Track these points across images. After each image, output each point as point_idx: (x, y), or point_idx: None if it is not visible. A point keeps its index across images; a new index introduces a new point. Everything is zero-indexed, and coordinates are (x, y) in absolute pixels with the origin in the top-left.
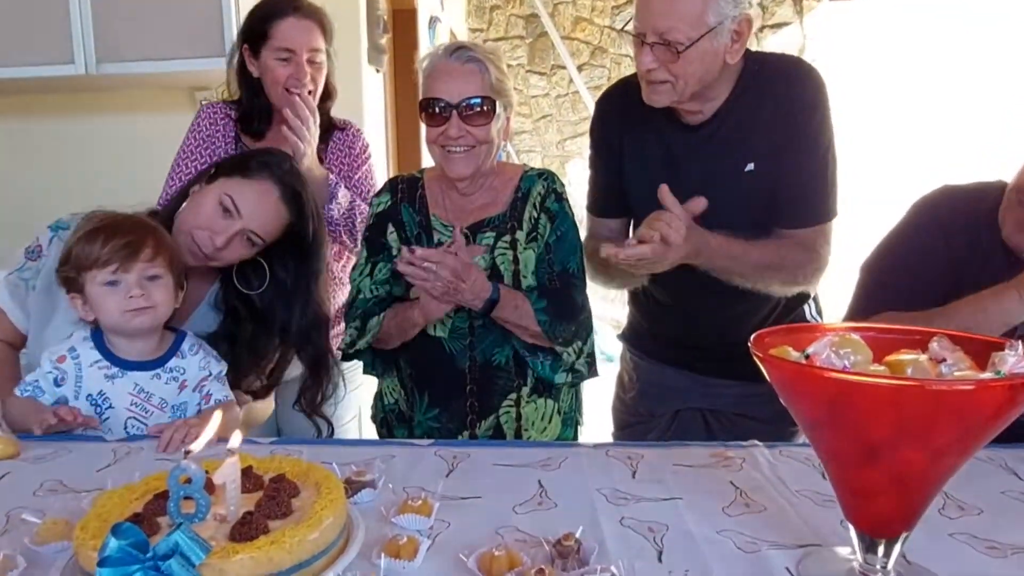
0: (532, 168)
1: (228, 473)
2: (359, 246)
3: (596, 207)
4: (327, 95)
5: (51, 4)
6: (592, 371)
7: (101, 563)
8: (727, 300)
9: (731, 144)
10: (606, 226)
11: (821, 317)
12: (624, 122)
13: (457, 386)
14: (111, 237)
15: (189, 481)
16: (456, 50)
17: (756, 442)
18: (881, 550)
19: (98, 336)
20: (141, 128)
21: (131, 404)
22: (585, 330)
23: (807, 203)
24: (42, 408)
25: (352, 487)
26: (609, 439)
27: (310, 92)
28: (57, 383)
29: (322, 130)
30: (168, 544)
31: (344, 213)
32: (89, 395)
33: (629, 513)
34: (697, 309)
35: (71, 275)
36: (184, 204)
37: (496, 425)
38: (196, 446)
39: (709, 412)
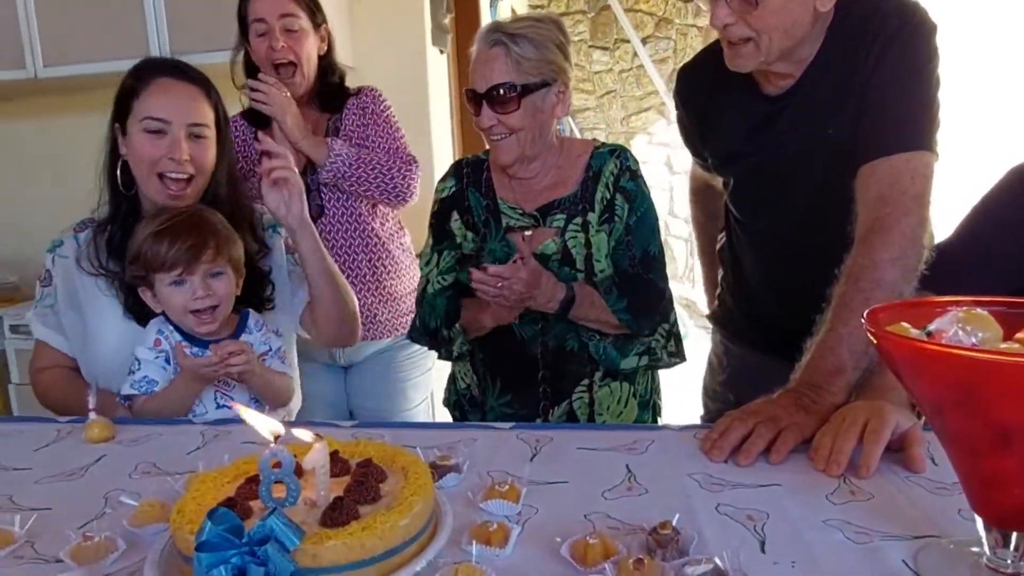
0: (603, 144)
1: (317, 458)
2: (396, 197)
3: (695, 158)
4: (330, 70)
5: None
6: (679, 354)
7: (199, 547)
8: (827, 274)
9: (810, 112)
10: (709, 176)
11: None
12: (706, 93)
13: (529, 372)
14: (176, 239)
15: (279, 466)
16: (486, 33)
17: None
18: (1014, 543)
19: (168, 321)
20: None
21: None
22: (664, 313)
23: (889, 126)
24: (197, 365)
25: (437, 471)
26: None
27: (291, 63)
28: (166, 363)
29: (336, 100)
30: (263, 529)
31: (352, 163)
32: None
33: (725, 500)
34: (795, 284)
35: (140, 273)
36: (118, 172)
37: (569, 411)
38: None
39: None
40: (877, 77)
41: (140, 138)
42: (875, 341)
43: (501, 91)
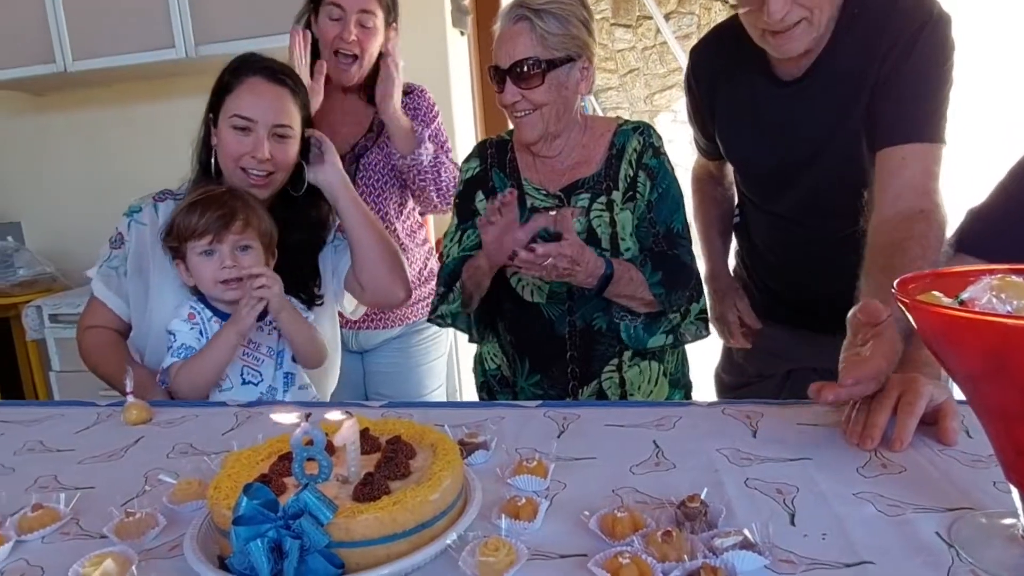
0: (626, 121)
1: (348, 435)
2: (444, 203)
3: (699, 147)
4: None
5: None
6: (705, 330)
7: (236, 521)
8: (841, 250)
9: (825, 98)
10: (713, 165)
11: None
12: (716, 76)
13: (557, 352)
14: (207, 209)
15: (311, 443)
16: (510, 9)
17: None
18: None
19: (200, 296)
20: None
21: (243, 354)
22: (697, 291)
23: (903, 115)
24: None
25: (466, 449)
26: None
27: (356, 56)
28: (200, 335)
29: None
30: (298, 504)
31: (431, 161)
32: None
33: (754, 474)
34: (808, 261)
35: (174, 244)
36: (212, 160)
37: (599, 390)
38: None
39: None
40: (907, 67)
41: (228, 133)
42: (906, 311)
43: (525, 67)
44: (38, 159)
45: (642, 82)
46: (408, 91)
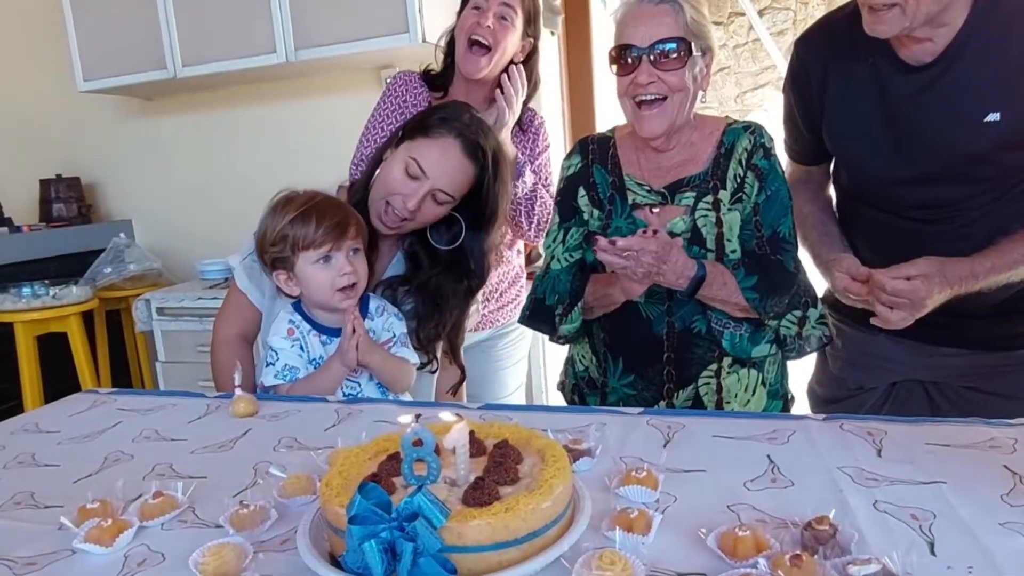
0: (736, 121)
1: (457, 438)
2: (535, 232)
3: (794, 152)
4: (533, 87)
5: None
6: (827, 336)
7: (351, 520)
8: (951, 252)
9: (967, 87)
10: (806, 171)
11: None
12: (828, 65)
13: (654, 353)
14: (323, 218)
15: (421, 444)
16: None
17: None
18: None
19: (299, 307)
20: (331, 109)
21: None
22: (803, 297)
23: None
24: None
25: (571, 455)
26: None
27: (487, 46)
28: (300, 351)
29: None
30: (411, 506)
31: (527, 194)
32: (313, 360)
33: (883, 496)
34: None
35: (285, 255)
36: (377, 171)
37: (695, 396)
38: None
39: (931, 385)
40: None
41: (397, 167)
42: None
43: (668, 48)
44: (148, 160)
45: (733, 80)
46: (524, 120)
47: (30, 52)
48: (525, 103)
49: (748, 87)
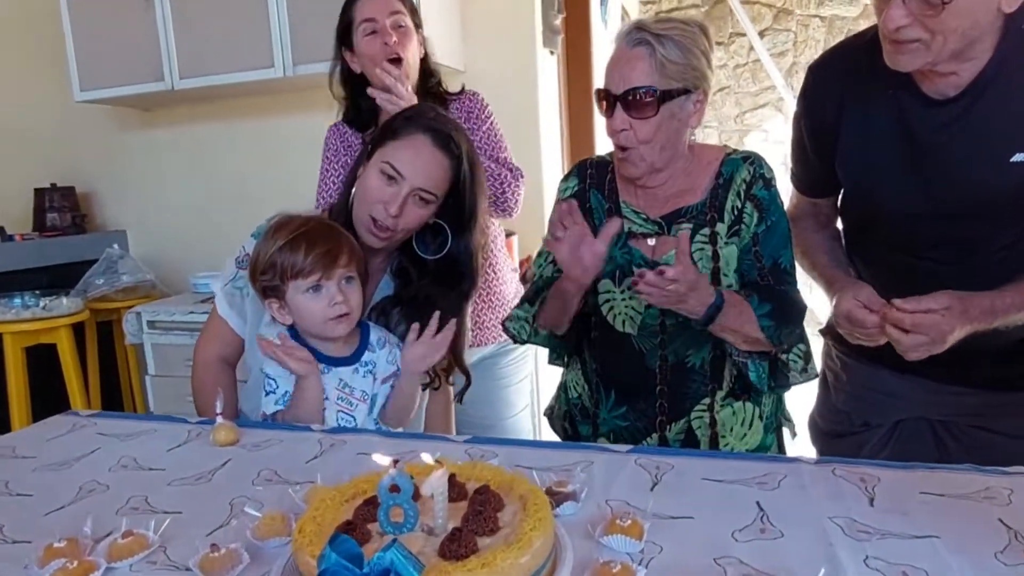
0: (735, 151)
1: (436, 484)
2: (504, 213)
3: (802, 184)
4: (428, 73)
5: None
6: (812, 371)
7: (321, 575)
8: (961, 287)
9: (993, 125)
10: (812, 204)
11: None
12: (845, 94)
13: (646, 386)
14: (312, 246)
15: (397, 490)
16: (628, 32)
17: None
18: None
19: (295, 334)
20: (328, 125)
21: (338, 398)
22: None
23: None
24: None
25: (554, 498)
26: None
27: (399, 59)
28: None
29: (436, 103)
30: (384, 561)
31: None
32: None
33: (874, 551)
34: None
35: (274, 283)
36: (354, 190)
37: (688, 429)
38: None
39: (939, 423)
40: None
41: (374, 176)
42: None
43: (639, 94)
44: (144, 171)
45: (732, 100)
46: (458, 95)
47: (28, 61)
48: (432, 89)
49: (748, 107)
